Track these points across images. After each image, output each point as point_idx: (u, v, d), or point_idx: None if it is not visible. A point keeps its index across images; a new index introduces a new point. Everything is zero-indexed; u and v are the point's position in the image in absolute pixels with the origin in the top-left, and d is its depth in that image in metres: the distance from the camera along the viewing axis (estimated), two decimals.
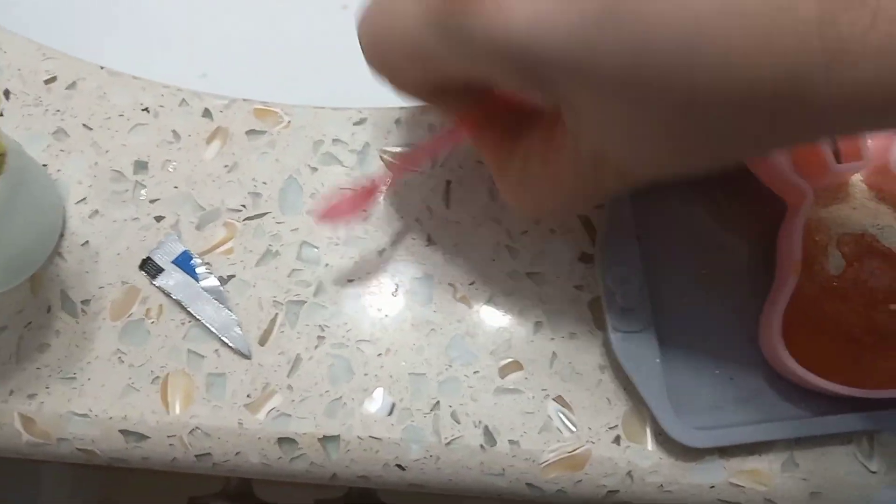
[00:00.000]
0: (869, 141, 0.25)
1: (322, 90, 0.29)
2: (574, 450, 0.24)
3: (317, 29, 0.32)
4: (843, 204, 0.26)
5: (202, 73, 0.30)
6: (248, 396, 0.25)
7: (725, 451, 0.24)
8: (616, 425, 0.25)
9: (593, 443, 0.24)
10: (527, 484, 0.25)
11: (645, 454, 0.24)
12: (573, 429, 0.25)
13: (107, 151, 0.28)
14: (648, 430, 0.25)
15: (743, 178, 0.26)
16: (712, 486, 0.24)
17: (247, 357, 0.25)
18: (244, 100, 0.29)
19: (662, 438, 0.24)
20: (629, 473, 0.24)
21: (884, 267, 0.25)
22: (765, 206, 0.26)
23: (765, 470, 0.24)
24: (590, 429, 0.25)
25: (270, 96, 0.29)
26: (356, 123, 0.28)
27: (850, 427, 0.24)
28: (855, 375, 0.24)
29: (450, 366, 0.25)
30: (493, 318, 0.26)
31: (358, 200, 0.24)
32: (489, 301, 0.26)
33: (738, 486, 0.24)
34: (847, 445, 0.25)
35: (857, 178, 0.26)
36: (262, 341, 0.25)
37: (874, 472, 0.24)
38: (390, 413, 0.25)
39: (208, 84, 0.29)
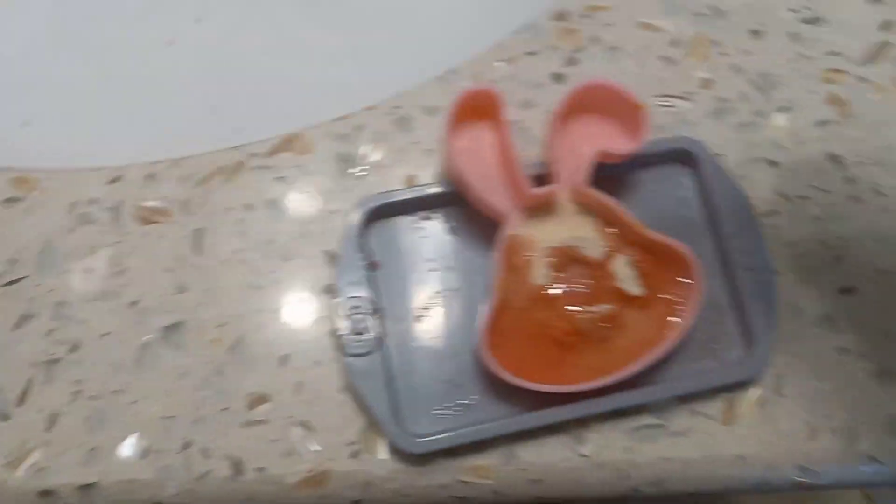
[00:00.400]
0: (562, 164, 0.28)
1: (79, 149, 0.31)
2: (316, 468, 0.27)
3: (72, 87, 0.33)
4: (551, 220, 0.29)
5: None
6: (7, 455, 0.26)
7: (453, 453, 0.27)
8: (355, 441, 0.27)
9: (334, 460, 0.27)
10: None
11: (381, 464, 0.27)
12: (316, 449, 0.27)
13: None
14: (383, 443, 0.27)
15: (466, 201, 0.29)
16: (443, 486, 0.27)
17: (5, 418, 0.27)
18: (3, 169, 0.30)
19: (396, 449, 0.27)
20: (369, 483, 0.27)
21: (583, 274, 0.28)
22: (491, 227, 0.28)
23: (489, 465, 0.27)
24: (331, 447, 0.27)
25: (27, 161, 0.30)
26: (110, 182, 0.30)
27: (561, 417, 0.27)
28: (563, 372, 0.27)
29: (200, 406, 0.27)
30: (242, 356, 0.28)
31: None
32: (239, 340, 0.28)
33: (466, 482, 0.27)
34: (560, 435, 0.28)
35: (564, 197, 0.29)
36: (20, 402, 0.27)
37: (586, 456, 0.27)
38: (144, 456, 0.27)
39: None
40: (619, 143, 0.29)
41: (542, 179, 0.29)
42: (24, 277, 0.29)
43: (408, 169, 0.31)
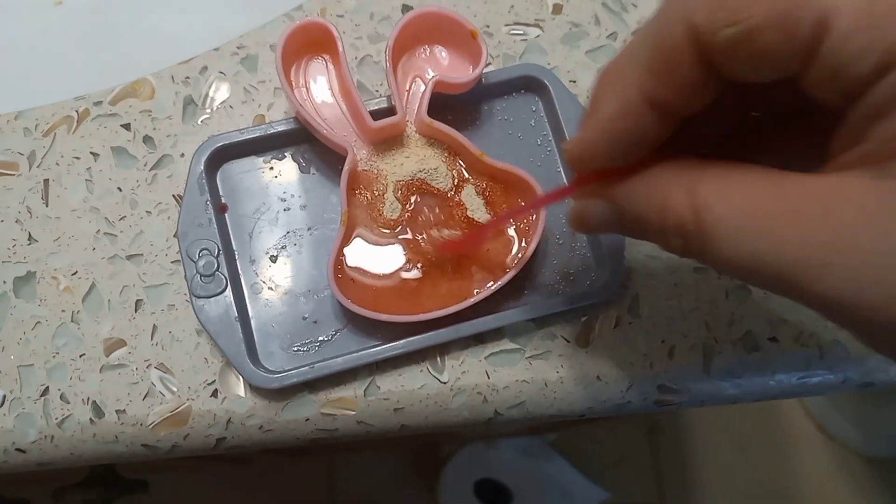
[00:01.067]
0: (405, 96, 0.31)
1: None
2: (176, 408, 0.30)
3: None
4: (400, 153, 0.32)
5: None
6: None
7: (314, 386, 0.30)
8: (213, 381, 0.31)
9: (193, 399, 0.30)
10: (142, 445, 0.30)
11: (241, 402, 0.30)
12: (174, 390, 0.30)
13: None
14: (241, 381, 0.31)
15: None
16: (307, 419, 0.31)
17: None
18: None
19: (254, 386, 0.30)
20: (230, 420, 0.30)
21: (432, 204, 0.32)
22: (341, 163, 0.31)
23: (350, 397, 0.31)
24: (189, 388, 0.30)
25: None
26: None
27: (417, 346, 0.30)
28: (419, 302, 0.31)
29: (57, 353, 0.30)
30: (96, 302, 0.31)
31: (473, 239, 0.29)
32: (92, 288, 0.31)
33: (329, 414, 0.31)
34: (420, 363, 0.31)
35: (411, 129, 0.32)
36: None
37: (445, 383, 0.31)
38: (1, 404, 0.30)
39: None
40: (459, 72, 0.32)
41: (390, 112, 0.32)
42: None
43: (256, 109, 0.33)
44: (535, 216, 0.29)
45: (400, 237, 0.30)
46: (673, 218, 0.18)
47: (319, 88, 0.30)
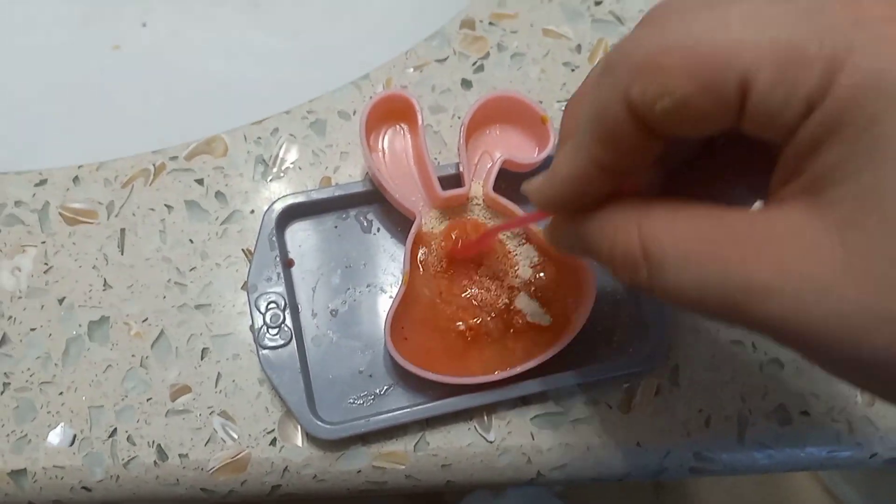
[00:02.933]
0: (473, 169, 0.34)
1: (4, 153, 0.35)
2: (236, 455, 0.32)
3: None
4: (463, 219, 0.34)
5: None
6: None
7: (367, 439, 0.32)
8: (273, 430, 0.32)
9: (253, 447, 0.32)
10: (201, 489, 0.32)
11: (298, 451, 0.32)
12: (235, 437, 0.32)
13: None
14: (299, 431, 0.32)
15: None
16: (359, 471, 0.32)
17: None
18: None
19: (311, 436, 0.32)
20: (286, 469, 0.32)
21: (488, 273, 0.34)
22: (406, 224, 0.33)
23: (401, 451, 0.32)
24: (250, 435, 0.32)
25: None
26: (37, 184, 0.35)
27: (467, 405, 0.32)
28: (467, 364, 0.33)
29: (125, 396, 0.32)
30: (164, 349, 0.33)
31: (479, 242, 0.31)
32: (161, 335, 0.33)
33: (380, 467, 0.32)
34: (468, 422, 0.33)
35: (476, 200, 0.34)
36: None
37: (491, 442, 0.33)
38: (72, 443, 0.32)
39: None
40: (526, 152, 0.34)
41: (456, 181, 0.34)
42: None
43: (323, 171, 0.36)
44: (585, 288, 0.31)
45: (454, 301, 0.32)
46: (621, 249, 0.19)
47: (395, 154, 0.32)
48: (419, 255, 0.32)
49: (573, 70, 0.36)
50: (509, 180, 0.32)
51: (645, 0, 0.38)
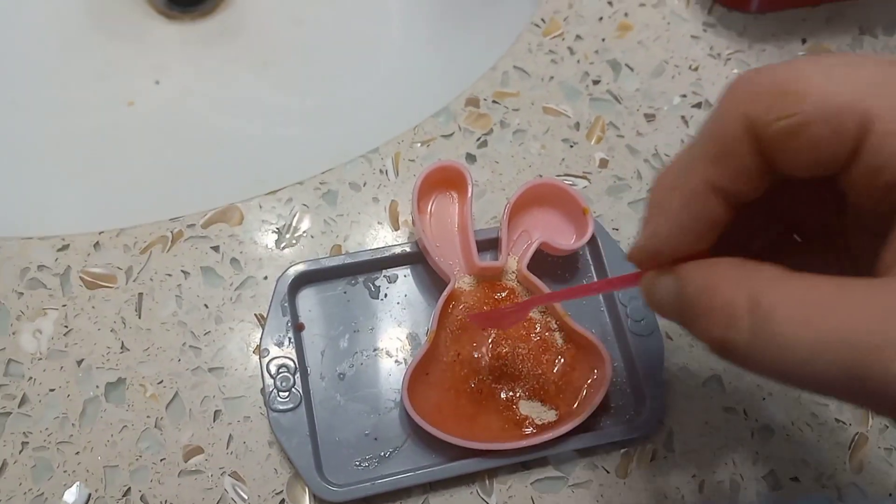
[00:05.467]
0: (510, 244, 0.35)
1: (28, 218, 0.38)
2: None
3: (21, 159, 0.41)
4: (493, 287, 0.36)
5: None
6: None
7: (372, 502, 0.34)
8: (281, 491, 0.34)
9: None
10: None
11: None
12: (245, 498, 0.34)
13: None
14: (307, 493, 0.34)
15: (415, 260, 0.35)
16: None
17: None
18: None
19: (318, 498, 0.34)
20: None
21: (512, 342, 0.35)
22: (435, 285, 0.35)
23: None
24: (259, 496, 0.34)
25: None
26: (59, 249, 0.37)
27: (470, 469, 0.34)
28: (474, 428, 0.34)
29: (140, 456, 0.34)
30: (178, 410, 0.35)
31: (512, 315, 0.32)
32: (175, 396, 0.35)
33: None
34: (470, 486, 0.34)
35: (511, 267, 0.36)
36: None
37: None
38: (87, 503, 0.33)
39: None
40: (564, 238, 0.35)
41: (489, 246, 0.36)
42: None
43: (333, 239, 0.38)
44: (597, 375, 0.33)
45: (471, 366, 0.33)
46: (723, 298, 0.18)
47: (439, 220, 0.36)
48: (447, 316, 0.34)
49: (571, 146, 0.39)
50: (541, 262, 0.35)
51: (640, 79, 0.41)
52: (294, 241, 0.37)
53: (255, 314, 0.35)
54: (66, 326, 0.34)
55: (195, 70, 0.45)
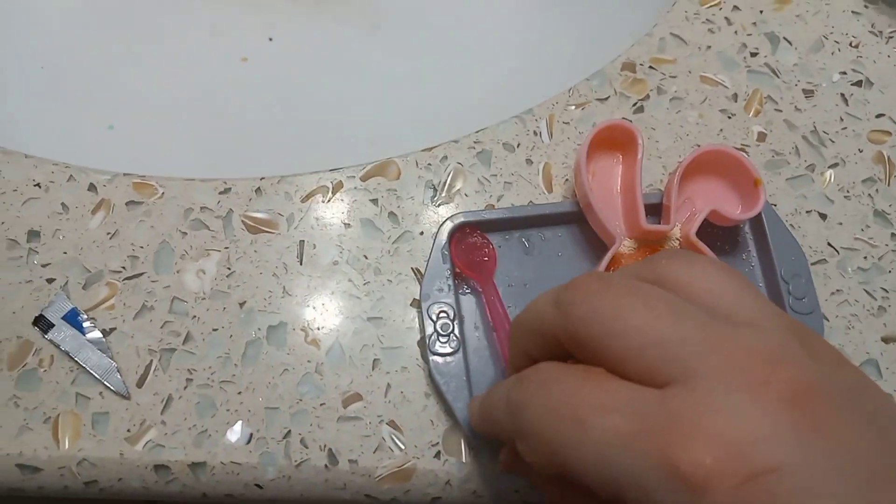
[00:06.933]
0: (676, 211, 0.35)
1: (193, 161, 0.38)
2: (402, 465, 0.33)
3: (191, 106, 0.41)
4: (654, 252, 0.35)
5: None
6: (127, 431, 0.33)
7: None
8: (437, 443, 0.34)
9: (419, 458, 0.33)
10: (365, 495, 0.33)
11: (461, 466, 0.33)
12: (402, 447, 0.34)
13: (2, 223, 0.36)
14: (463, 445, 0.34)
15: (571, 220, 0.35)
16: (517, 490, 0.33)
17: (126, 398, 0.33)
18: (125, 174, 0.37)
19: (475, 452, 0.33)
20: (448, 482, 0.33)
21: None
22: (597, 246, 0.35)
23: None
24: (416, 446, 0.34)
25: (148, 169, 0.37)
26: (221, 192, 0.37)
27: None
28: None
29: (300, 400, 0.34)
30: (338, 357, 0.35)
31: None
32: (335, 343, 0.35)
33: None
34: None
35: (677, 233, 0.35)
36: (140, 384, 0.34)
37: None
38: (248, 441, 0.33)
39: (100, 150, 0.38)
40: (733, 207, 0.35)
41: (651, 212, 0.35)
42: (142, 273, 0.35)
43: (487, 198, 0.38)
44: None
45: None
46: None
47: (602, 181, 0.35)
48: None
49: (730, 117, 0.38)
50: (705, 231, 0.34)
51: (798, 54, 0.40)
52: (449, 199, 0.36)
53: (412, 268, 0.35)
54: (229, 268, 0.34)
55: (309, 29, 0.45)
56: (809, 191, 0.37)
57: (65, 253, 0.35)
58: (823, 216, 0.37)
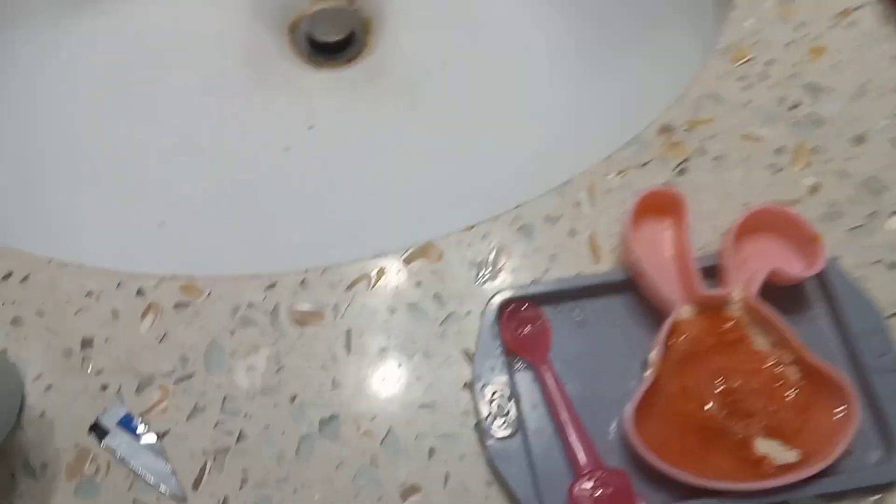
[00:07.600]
0: (737, 274, 0.33)
1: (238, 255, 0.38)
2: None
3: (234, 199, 0.42)
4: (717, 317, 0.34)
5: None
6: None
7: None
8: None
9: None
10: None
11: None
12: None
13: (57, 333, 0.37)
14: None
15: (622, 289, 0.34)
16: None
17: (183, 500, 0.33)
18: (171, 277, 0.38)
19: None
20: None
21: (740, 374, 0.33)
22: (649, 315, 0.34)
23: None
24: None
25: (195, 266, 0.38)
26: (267, 288, 0.37)
27: None
28: (701, 463, 0.32)
29: (357, 494, 0.33)
30: (393, 447, 0.34)
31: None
32: (389, 433, 0.34)
33: None
34: None
35: (737, 297, 0.34)
36: (196, 486, 0.33)
37: None
38: None
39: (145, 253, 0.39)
40: (792, 266, 0.34)
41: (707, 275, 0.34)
42: (193, 374, 0.35)
43: (532, 273, 0.37)
44: (846, 412, 0.31)
45: (697, 399, 0.31)
46: None
47: (652, 248, 0.35)
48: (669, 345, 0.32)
49: (776, 173, 0.37)
50: (766, 292, 0.33)
51: (840, 103, 0.39)
52: (493, 276, 0.36)
53: (461, 350, 0.34)
54: (278, 363, 0.34)
55: (348, 115, 0.46)
56: (873, 240, 0.36)
57: (117, 359, 0.35)
58: (892, 265, 0.35)
